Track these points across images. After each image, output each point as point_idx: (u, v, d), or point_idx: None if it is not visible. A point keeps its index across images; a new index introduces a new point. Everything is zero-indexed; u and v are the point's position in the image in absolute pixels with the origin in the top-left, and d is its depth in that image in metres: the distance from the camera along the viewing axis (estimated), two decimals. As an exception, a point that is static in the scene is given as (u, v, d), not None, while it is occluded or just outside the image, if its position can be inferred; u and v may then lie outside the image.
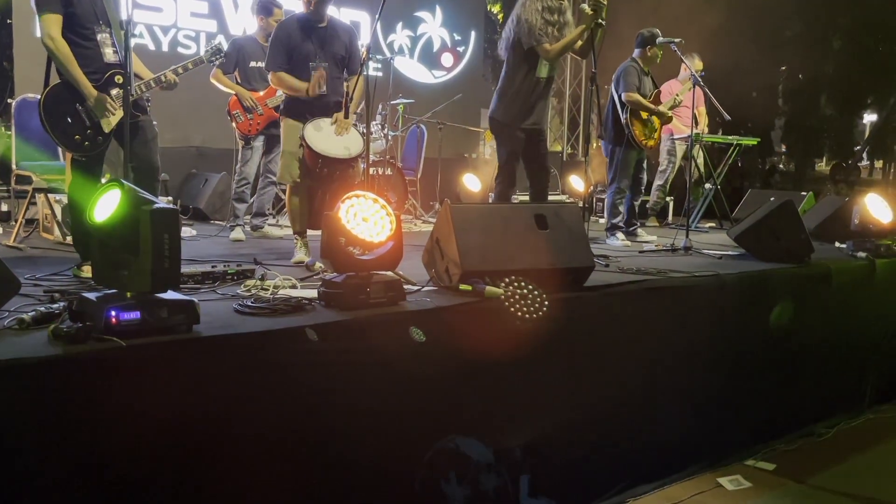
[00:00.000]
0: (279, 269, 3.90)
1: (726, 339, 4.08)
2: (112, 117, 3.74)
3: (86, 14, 3.67)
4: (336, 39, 4.45)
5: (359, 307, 2.82)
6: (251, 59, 5.79)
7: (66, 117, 3.67)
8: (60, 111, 3.67)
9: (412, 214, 7.64)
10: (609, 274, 4.00)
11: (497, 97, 5.09)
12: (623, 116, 5.87)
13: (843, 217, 5.72)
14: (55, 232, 5.09)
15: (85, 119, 3.71)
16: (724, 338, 4.07)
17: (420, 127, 8.39)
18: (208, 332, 2.39)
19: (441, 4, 11.30)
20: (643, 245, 5.57)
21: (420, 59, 11.19)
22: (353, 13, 9.90)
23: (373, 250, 2.97)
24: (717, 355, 4.05)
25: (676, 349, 3.84)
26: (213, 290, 3.18)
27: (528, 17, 4.85)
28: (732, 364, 4.14)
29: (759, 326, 4.25)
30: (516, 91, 4.97)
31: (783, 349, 4.39)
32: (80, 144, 3.71)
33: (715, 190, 7.57)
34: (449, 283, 3.25)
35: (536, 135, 5.06)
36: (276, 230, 6.01)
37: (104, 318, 2.20)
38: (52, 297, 2.80)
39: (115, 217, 2.29)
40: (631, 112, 5.85)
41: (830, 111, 20.65)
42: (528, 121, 4.99)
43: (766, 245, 4.76)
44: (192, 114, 7.66)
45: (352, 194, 2.99)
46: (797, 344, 4.47)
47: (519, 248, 3.35)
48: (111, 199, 2.33)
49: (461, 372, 2.95)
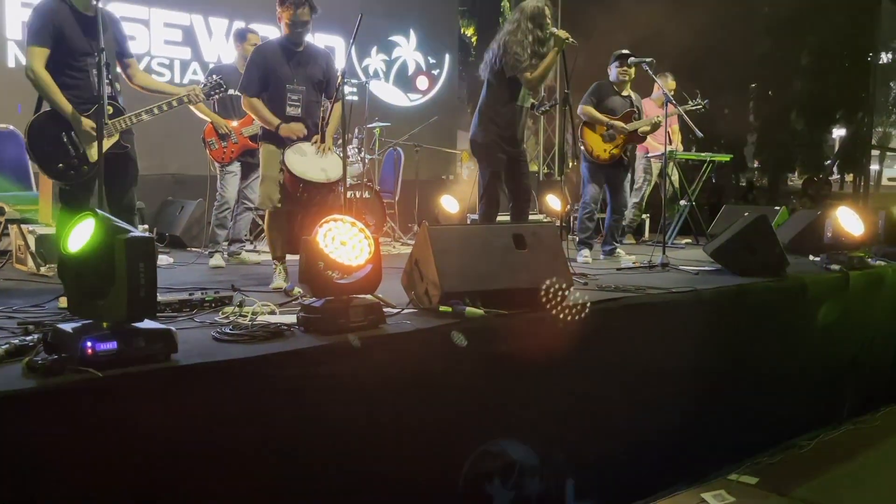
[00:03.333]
0: (257, 295, 3.87)
1: (705, 355, 4.10)
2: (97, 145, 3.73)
3: (78, 46, 3.68)
4: (313, 64, 4.47)
5: (339, 331, 2.80)
6: (230, 88, 5.77)
7: (50, 146, 3.69)
8: (45, 140, 3.69)
9: (391, 237, 7.64)
10: (588, 292, 4.02)
11: (477, 120, 5.12)
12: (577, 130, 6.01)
13: (817, 230, 5.80)
14: (29, 263, 5.02)
15: (70, 148, 3.73)
16: (704, 353, 4.09)
17: (397, 150, 8.42)
18: (186, 360, 2.36)
19: (415, 28, 11.39)
20: (621, 263, 5.61)
21: (395, 83, 11.25)
22: (327, 38, 9.94)
23: (352, 274, 2.96)
24: (696, 370, 4.07)
25: (656, 365, 3.85)
26: (190, 317, 3.15)
27: (517, 49, 4.88)
28: (712, 379, 4.16)
29: (737, 341, 4.28)
30: (497, 115, 5.01)
31: (762, 363, 4.42)
32: (64, 173, 3.73)
33: (690, 206, 7.65)
34: (429, 305, 3.25)
35: (517, 156, 5.11)
36: (253, 256, 5.98)
37: (80, 349, 2.17)
38: (26, 329, 2.76)
39: (89, 246, 2.27)
40: (584, 124, 5.98)
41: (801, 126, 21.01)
42: (509, 143, 5.04)
43: (741, 260, 4.81)
44: (167, 141, 7.62)
45: (329, 218, 2.98)
46: (776, 357, 4.51)
47: (498, 268, 3.36)
48: (85, 228, 2.31)
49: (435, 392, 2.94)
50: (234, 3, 9.43)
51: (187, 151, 7.20)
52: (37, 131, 3.71)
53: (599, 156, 6.04)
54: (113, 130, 3.83)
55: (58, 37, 3.69)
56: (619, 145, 6.09)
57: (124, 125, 3.90)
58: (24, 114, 7.46)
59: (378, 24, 10.60)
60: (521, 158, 5.18)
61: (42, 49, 3.69)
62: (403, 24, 11.26)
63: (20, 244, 5.22)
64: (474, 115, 5.18)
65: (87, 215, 2.34)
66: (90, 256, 2.27)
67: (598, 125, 6.02)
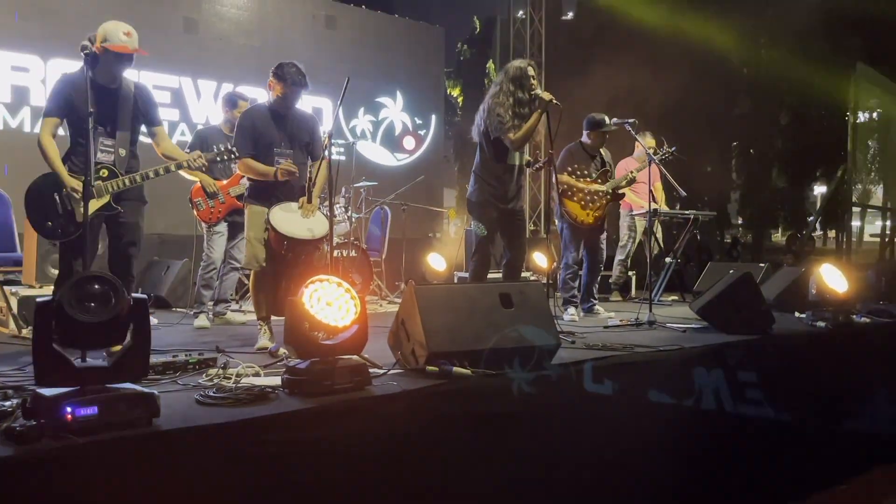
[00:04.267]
0: (242, 356, 3.83)
1: (694, 413, 4.07)
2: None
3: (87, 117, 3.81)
4: (300, 128, 4.52)
5: (324, 393, 2.77)
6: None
7: (43, 204, 3.95)
8: (40, 199, 3.96)
9: (378, 295, 7.62)
10: (575, 350, 4.00)
11: (472, 179, 5.22)
12: (556, 198, 6.02)
13: (801, 287, 5.83)
14: (10, 325, 4.96)
15: (59, 207, 3.95)
16: (692, 412, 4.06)
17: (384, 208, 8.46)
18: (168, 425, 2.32)
19: (402, 90, 11.58)
20: (607, 321, 5.60)
21: (382, 143, 11.39)
22: (315, 100, 10.09)
23: (337, 334, 2.94)
24: (685, 430, 4.03)
25: (645, 424, 3.82)
26: (174, 380, 3.11)
27: (499, 112, 4.97)
28: (703, 438, 4.12)
29: (725, 398, 4.25)
30: (489, 174, 5.09)
31: (752, 421, 4.39)
32: (52, 231, 3.98)
33: (675, 263, 7.69)
34: (416, 366, 3.22)
35: (512, 214, 5.15)
36: (238, 316, 5.94)
37: (59, 415, 2.13)
38: (4, 393, 2.71)
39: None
40: (563, 193, 5.95)
41: (782, 184, 21.36)
42: (502, 200, 5.08)
43: (728, 317, 4.82)
44: (154, 201, 7.56)
45: (315, 278, 2.97)
46: (766, 416, 4.48)
47: (485, 327, 3.35)
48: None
49: (423, 455, 2.90)
50: (223, 65, 9.59)
51: (174, 211, 7.19)
52: (34, 192, 3.97)
53: (584, 221, 6.03)
54: (103, 192, 3.97)
55: (68, 107, 3.95)
56: (602, 206, 6.12)
57: (114, 188, 3.99)
58: (10, 175, 7.55)
59: (365, 85, 10.80)
60: (516, 215, 5.22)
61: (52, 119, 3.97)
62: (390, 86, 11.46)
63: (2, 306, 5.16)
64: (471, 175, 5.26)
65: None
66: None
67: (578, 192, 6.01)
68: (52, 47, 8.16)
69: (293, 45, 9.90)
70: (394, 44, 11.60)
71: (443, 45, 12.91)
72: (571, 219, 5.97)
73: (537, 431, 3.32)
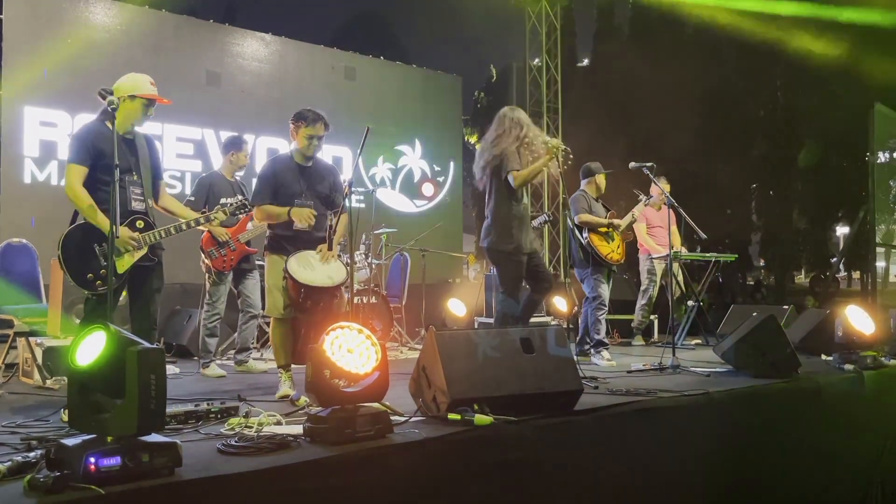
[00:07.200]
0: (263, 404, 3.83)
1: (720, 458, 4.00)
2: (127, 257, 3.87)
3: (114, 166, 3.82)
4: (321, 179, 4.57)
5: (345, 441, 2.76)
6: (221, 196, 5.74)
7: (81, 256, 3.83)
8: (77, 250, 3.83)
9: (398, 342, 7.61)
10: (599, 396, 3.96)
11: (489, 226, 5.08)
12: (584, 238, 6.13)
13: (827, 329, 5.75)
14: (35, 376, 5.00)
15: (100, 258, 3.84)
16: (718, 456, 3.99)
17: (403, 254, 8.49)
18: (190, 474, 2.32)
19: (420, 138, 11.72)
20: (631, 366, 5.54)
21: (401, 190, 11.49)
22: (335, 149, 10.23)
23: (359, 382, 2.93)
24: (711, 474, 3.95)
25: (670, 469, 3.75)
26: (196, 429, 3.11)
27: (506, 148, 5.01)
28: (728, 483, 4.04)
29: (752, 444, 4.18)
30: (508, 216, 5.02)
31: (780, 465, 4.30)
32: (91, 282, 3.83)
33: (698, 306, 7.63)
34: (437, 413, 3.20)
35: (534, 255, 5.14)
36: (260, 364, 5.94)
37: (83, 466, 2.13)
38: (28, 444, 2.72)
39: (100, 359, 2.27)
40: (590, 231, 6.10)
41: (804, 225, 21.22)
42: (526, 243, 5.05)
43: (752, 361, 4.75)
44: (174, 251, 7.69)
45: (336, 326, 2.98)
46: (794, 460, 4.39)
47: (506, 373, 3.33)
48: (95, 341, 2.32)
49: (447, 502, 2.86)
50: (245, 117, 9.76)
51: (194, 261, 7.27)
52: (71, 242, 3.85)
53: (613, 257, 6.15)
54: (143, 243, 3.97)
55: (96, 155, 3.91)
56: (620, 243, 6.29)
57: (153, 239, 4.02)
58: (37, 227, 7.67)
59: (385, 134, 10.93)
60: (539, 256, 5.23)
61: (80, 167, 3.89)
62: (409, 134, 11.60)
63: (27, 357, 5.21)
64: (485, 223, 5.16)
65: (97, 328, 2.35)
66: (100, 369, 2.27)
67: (599, 227, 6.15)
68: (79, 102, 8.33)
69: (313, 96, 10.06)
70: (412, 93, 11.78)
71: (460, 94, 13.07)
72: (602, 258, 6.05)
73: (561, 479, 3.27)
